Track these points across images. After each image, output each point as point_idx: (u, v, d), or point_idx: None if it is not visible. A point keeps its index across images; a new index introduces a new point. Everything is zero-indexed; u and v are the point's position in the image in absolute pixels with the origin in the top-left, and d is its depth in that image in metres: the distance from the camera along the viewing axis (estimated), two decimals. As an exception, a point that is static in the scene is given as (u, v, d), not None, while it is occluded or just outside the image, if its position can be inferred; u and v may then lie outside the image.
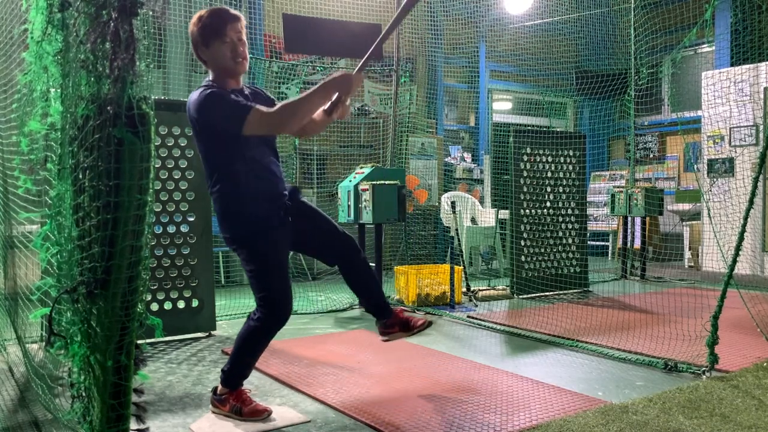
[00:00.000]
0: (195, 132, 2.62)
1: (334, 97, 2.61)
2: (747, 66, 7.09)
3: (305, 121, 2.56)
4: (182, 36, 6.83)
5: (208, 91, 2.51)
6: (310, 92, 2.50)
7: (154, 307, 4.14)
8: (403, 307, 2.91)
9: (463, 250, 6.72)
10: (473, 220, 7.94)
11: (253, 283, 2.65)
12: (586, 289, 6.13)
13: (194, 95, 2.55)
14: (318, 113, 2.68)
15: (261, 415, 2.68)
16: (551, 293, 5.90)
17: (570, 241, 6.13)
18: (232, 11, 2.61)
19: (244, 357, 2.70)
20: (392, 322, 2.88)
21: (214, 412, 2.75)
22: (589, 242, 6.72)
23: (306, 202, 2.83)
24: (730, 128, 7.20)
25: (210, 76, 2.63)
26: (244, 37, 2.63)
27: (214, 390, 2.78)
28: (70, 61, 1.65)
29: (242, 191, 2.60)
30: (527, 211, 5.89)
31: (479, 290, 5.97)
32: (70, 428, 2.27)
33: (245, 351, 2.69)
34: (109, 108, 1.50)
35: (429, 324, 2.92)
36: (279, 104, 2.55)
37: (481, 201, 8.64)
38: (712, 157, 7.37)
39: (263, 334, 2.67)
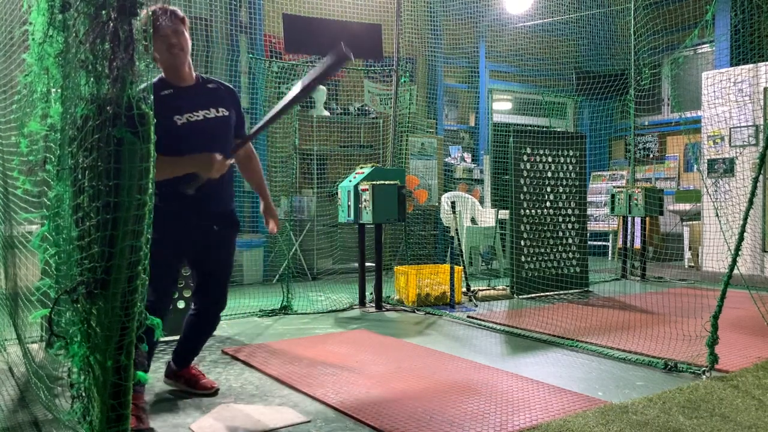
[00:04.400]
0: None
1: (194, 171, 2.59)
2: (747, 66, 7.09)
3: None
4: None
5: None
6: (171, 162, 2.50)
7: (154, 307, 4.13)
8: (197, 369, 3.19)
9: (463, 250, 6.72)
10: (473, 220, 7.93)
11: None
12: (586, 289, 6.12)
13: None
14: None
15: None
16: (551, 293, 5.89)
17: (570, 241, 6.14)
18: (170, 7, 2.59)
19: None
20: (182, 374, 3.09)
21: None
22: (589, 242, 6.72)
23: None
24: (730, 128, 7.20)
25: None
26: (181, 28, 2.60)
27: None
28: (69, 61, 1.65)
29: None
30: (527, 211, 5.89)
31: (479, 290, 5.97)
32: (70, 428, 2.27)
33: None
34: (108, 108, 1.50)
35: (215, 392, 3.04)
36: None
37: (481, 201, 8.64)
38: (712, 157, 7.37)
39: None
